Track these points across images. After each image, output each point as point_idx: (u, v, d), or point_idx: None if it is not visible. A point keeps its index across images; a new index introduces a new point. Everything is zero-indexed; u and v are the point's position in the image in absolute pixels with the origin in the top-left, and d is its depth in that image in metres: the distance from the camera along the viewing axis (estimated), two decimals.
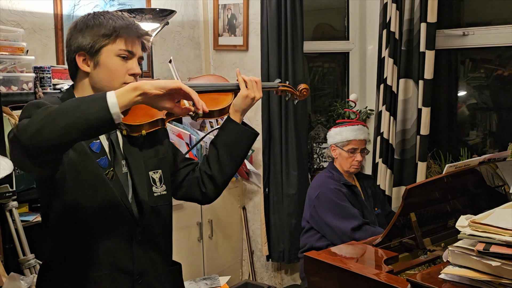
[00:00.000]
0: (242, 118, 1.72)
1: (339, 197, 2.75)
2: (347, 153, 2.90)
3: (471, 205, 2.47)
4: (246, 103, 1.69)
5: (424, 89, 3.04)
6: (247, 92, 1.69)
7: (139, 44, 1.55)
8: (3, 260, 2.40)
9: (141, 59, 1.58)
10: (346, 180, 2.89)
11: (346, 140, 2.91)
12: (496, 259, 1.49)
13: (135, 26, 1.54)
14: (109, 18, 1.52)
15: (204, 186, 1.72)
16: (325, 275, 2.09)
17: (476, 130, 3.48)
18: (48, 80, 2.59)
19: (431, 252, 2.17)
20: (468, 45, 3.25)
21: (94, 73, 1.52)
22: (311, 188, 2.93)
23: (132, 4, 3.29)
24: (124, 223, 1.53)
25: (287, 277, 3.75)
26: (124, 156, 1.57)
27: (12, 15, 2.74)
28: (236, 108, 1.70)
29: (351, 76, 3.72)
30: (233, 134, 1.69)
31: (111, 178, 1.52)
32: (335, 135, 2.96)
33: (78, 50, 1.51)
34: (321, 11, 3.89)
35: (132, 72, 1.52)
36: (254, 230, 3.77)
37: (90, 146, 1.50)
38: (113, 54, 1.50)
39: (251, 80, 1.70)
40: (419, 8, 3.00)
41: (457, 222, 1.62)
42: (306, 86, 1.90)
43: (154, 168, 1.63)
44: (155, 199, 1.61)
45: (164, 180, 1.65)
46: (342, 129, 2.95)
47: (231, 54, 3.74)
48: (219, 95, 1.70)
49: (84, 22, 1.52)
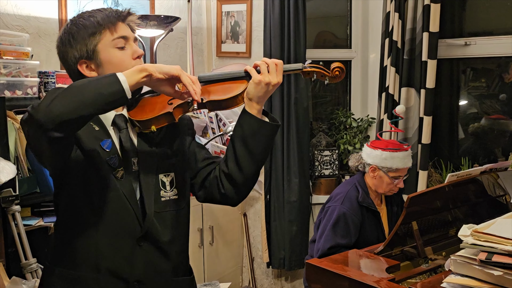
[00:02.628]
0: (260, 108, 1.53)
1: (342, 225, 2.58)
2: (390, 180, 2.66)
3: (473, 214, 2.48)
4: (260, 90, 1.49)
5: (425, 98, 3.05)
6: (260, 77, 1.49)
7: (127, 27, 1.53)
8: (5, 264, 2.40)
9: (136, 40, 1.55)
10: (371, 203, 2.69)
11: (396, 168, 2.65)
12: (498, 269, 1.50)
13: (115, 12, 1.51)
14: (88, 17, 1.49)
15: (222, 186, 1.57)
16: (327, 283, 2.10)
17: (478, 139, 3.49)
18: (53, 85, 2.60)
19: (432, 261, 2.18)
20: (470, 55, 3.27)
21: (101, 74, 1.49)
22: (332, 196, 2.75)
23: (136, 10, 3.29)
24: (127, 225, 1.48)
25: (288, 284, 3.75)
26: (136, 155, 1.51)
27: (17, 20, 2.75)
28: (249, 96, 1.51)
29: (353, 85, 3.74)
30: (248, 126, 1.51)
31: (121, 178, 1.47)
32: (384, 159, 2.66)
33: (77, 61, 1.49)
34: (323, 19, 3.91)
35: (136, 55, 1.52)
36: (255, 236, 3.78)
37: (101, 144, 1.47)
38: (109, 47, 1.49)
39: (264, 63, 1.51)
40: (422, 17, 3.02)
41: (460, 231, 1.63)
42: (340, 65, 1.59)
43: (166, 170, 1.55)
44: (162, 204, 1.53)
45: (176, 183, 1.56)
46: (394, 155, 2.65)
47: (234, 61, 3.76)
48: (232, 84, 1.53)
49: (67, 33, 1.50)
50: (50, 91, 1.32)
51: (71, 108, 1.26)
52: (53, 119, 1.26)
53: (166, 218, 1.54)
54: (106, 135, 1.49)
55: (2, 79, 2.39)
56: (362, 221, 2.66)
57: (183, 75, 1.37)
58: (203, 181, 1.62)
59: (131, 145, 1.51)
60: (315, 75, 1.59)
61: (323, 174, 3.62)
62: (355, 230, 2.61)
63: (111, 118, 1.52)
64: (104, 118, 1.51)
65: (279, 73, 1.51)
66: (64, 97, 1.27)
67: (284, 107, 3.43)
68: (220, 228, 3.50)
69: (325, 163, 3.61)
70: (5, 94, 2.39)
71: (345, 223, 2.60)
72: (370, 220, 2.69)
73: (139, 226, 1.49)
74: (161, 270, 1.54)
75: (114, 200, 1.47)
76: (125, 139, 1.51)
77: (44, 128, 1.27)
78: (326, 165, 3.61)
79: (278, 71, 1.51)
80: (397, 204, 2.86)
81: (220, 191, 1.58)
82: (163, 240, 1.53)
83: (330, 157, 3.61)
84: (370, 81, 3.65)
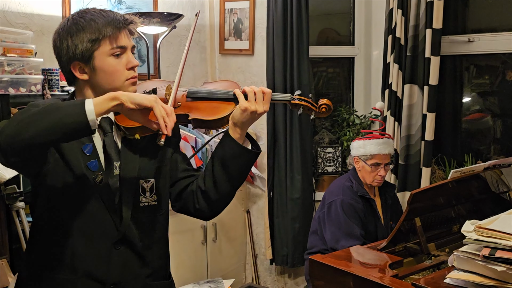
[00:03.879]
0: (243, 133, 1.53)
1: (349, 213, 2.67)
2: (370, 167, 2.77)
3: (476, 210, 2.48)
4: (245, 117, 1.49)
5: (429, 95, 3.05)
6: (246, 104, 1.48)
7: (126, 35, 1.50)
8: (10, 260, 2.41)
9: (134, 47, 1.53)
10: (365, 192, 2.78)
11: (370, 154, 2.77)
12: (501, 264, 1.50)
13: (117, 19, 1.47)
14: (89, 20, 1.45)
15: (197, 201, 1.58)
16: (330, 279, 2.10)
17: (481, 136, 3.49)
18: (56, 82, 2.61)
19: (435, 257, 2.18)
20: (473, 52, 3.27)
21: (93, 78, 1.48)
22: (328, 192, 2.84)
23: (139, 7, 3.31)
24: (104, 228, 1.48)
25: (290, 281, 3.75)
26: (119, 159, 1.51)
27: (21, 18, 2.76)
28: (234, 120, 1.51)
29: (356, 82, 3.74)
30: (229, 149, 1.52)
31: (99, 182, 1.47)
32: (359, 148, 2.82)
33: (71, 61, 1.47)
34: (326, 16, 3.91)
35: (130, 65, 1.49)
36: (258, 233, 3.78)
37: (82, 148, 1.47)
38: (106, 55, 1.46)
39: (252, 91, 1.49)
40: (425, 14, 3.02)
41: (463, 227, 1.63)
42: (328, 102, 1.60)
43: (147, 176, 1.54)
44: (140, 210, 1.52)
45: (156, 190, 1.56)
46: (366, 142, 2.80)
47: (237, 58, 3.76)
48: (220, 104, 1.53)
49: (66, 31, 1.46)
50: (19, 112, 1.31)
51: (32, 135, 1.25)
52: (12, 145, 1.25)
53: (144, 223, 1.54)
54: (88, 139, 1.48)
55: (6, 76, 2.39)
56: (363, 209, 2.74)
57: (157, 106, 1.32)
58: (180, 193, 1.62)
59: (115, 148, 1.51)
60: (302, 109, 1.59)
61: (326, 171, 3.62)
62: (363, 216, 2.72)
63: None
64: None
65: (266, 102, 1.51)
66: (27, 124, 1.25)
67: (287, 104, 3.42)
68: (223, 225, 3.50)
69: (328, 160, 3.62)
70: (9, 91, 2.40)
71: (355, 211, 2.69)
72: (367, 208, 2.76)
73: (116, 230, 1.49)
74: (138, 274, 1.54)
75: (91, 203, 1.47)
76: (109, 142, 1.51)
77: (3, 153, 1.28)
78: (329, 162, 3.61)
79: (265, 101, 1.50)
80: (391, 197, 2.92)
81: (194, 206, 1.59)
82: (140, 245, 1.53)
83: (333, 154, 3.61)
84: (373, 78, 3.65)
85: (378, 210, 2.82)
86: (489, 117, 3.40)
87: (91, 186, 1.46)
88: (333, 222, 2.70)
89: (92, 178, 1.46)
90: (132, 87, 1.51)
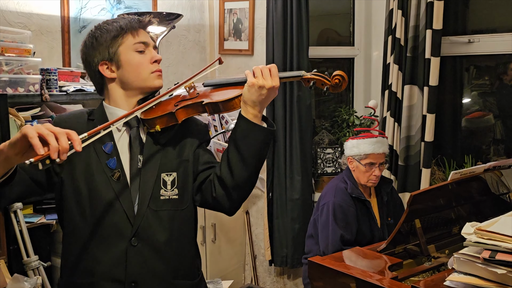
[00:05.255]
0: (256, 113, 1.49)
1: (339, 216, 2.63)
2: (364, 167, 2.73)
3: (476, 212, 2.47)
4: (253, 93, 1.47)
5: (429, 96, 3.04)
6: (253, 80, 1.47)
7: (147, 34, 1.61)
8: (7, 261, 2.40)
9: (155, 48, 1.62)
10: (360, 193, 2.74)
11: (364, 154, 2.73)
12: (502, 267, 1.49)
13: (137, 19, 1.59)
14: (112, 22, 1.58)
15: (214, 189, 1.53)
16: (329, 281, 2.09)
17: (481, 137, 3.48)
18: (55, 82, 2.59)
19: (435, 259, 2.17)
20: (473, 52, 3.26)
21: (120, 75, 1.56)
22: (322, 194, 2.82)
23: (138, 7, 3.30)
24: (117, 225, 1.49)
25: (290, 282, 3.74)
26: (142, 153, 1.55)
27: (20, 17, 2.75)
28: (244, 99, 1.49)
29: (356, 82, 3.73)
30: (240, 129, 1.50)
31: (117, 179, 1.50)
32: (352, 147, 2.77)
33: (99, 63, 1.56)
34: (326, 17, 3.90)
35: (154, 59, 1.58)
36: (257, 234, 3.77)
37: (103, 147, 1.53)
38: (130, 50, 1.56)
39: (258, 68, 1.49)
40: (425, 14, 3.00)
41: (463, 229, 1.62)
42: (341, 73, 1.55)
43: (170, 170, 1.55)
44: (160, 203, 1.52)
45: (178, 184, 1.55)
46: (360, 142, 2.76)
47: (236, 58, 3.75)
48: (233, 88, 1.56)
49: (92, 37, 1.57)
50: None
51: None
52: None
53: (163, 217, 1.53)
54: (109, 138, 1.53)
55: (4, 76, 2.39)
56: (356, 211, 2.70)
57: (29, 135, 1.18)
58: (200, 185, 1.59)
59: (140, 143, 1.56)
60: (313, 82, 1.57)
61: (325, 172, 3.61)
62: (353, 220, 2.66)
63: None
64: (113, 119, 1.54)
65: (273, 76, 1.49)
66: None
67: (286, 105, 3.42)
68: (223, 226, 3.49)
69: (327, 160, 3.61)
70: (7, 91, 2.39)
71: (343, 214, 2.65)
72: (361, 210, 2.73)
73: (130, 224, 1.49)
74: (158, 271, 1.52)
75: (105, 201, 1.49)
76: (134, 137, 1.56)
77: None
78: (328, 162, 3.60)
79: (272, 75, 1.49)
80: (387, 194, 2.88)
81: (212, 195, 1.54)
82: (159, 240, 1.52)
83: (333, 155, 3.60)
84: (373, 78, 3.64)
85: (373, 212, 2.79)
86: (491, 115, 3.38)
87: (108, 184, 1.50)
88: (323, 225, 2.68)
89: (110, 176, 1.51)
90: (158, 80, 1.59)
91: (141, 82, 1.57)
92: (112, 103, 1.59)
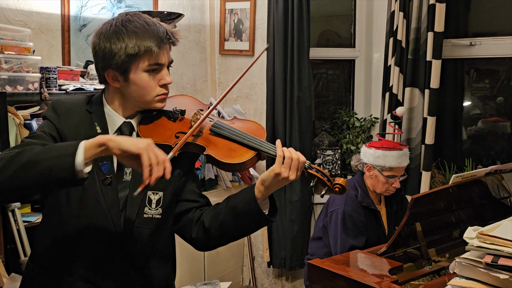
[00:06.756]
0: (267, 194, 1.48)
1: (348, 225, 2.58)
2: (385, 179, 2.64)
3: (476, 216, 2.46)
4: (276, 182, 1.44)
5: (430, 98, 3.03)
6: (281, 169, 1.42)
7: (166, 52, 1.49)
8: (4, 260, 2.39)
9: (171, 63, 1.53)
10: (370, 203, 2.68)
11: (389, 166, 2.64)
12: (504, 272, 1.48)
13: (159, 36, 1.45)
14: (132, 31, 1.44)
15: (195, 232, 1.56)
16: (329, 284, 2.08)
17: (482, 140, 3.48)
18: (54, 80, 2.58)
19: (435, 262, 2.16)
20: (475, 55, 3.25)
21: (124, 88, 1.49)
22: (331, 199, 2.74)
23: (139, 6, 3.28)
24: (104, 233, 1.47)
25: (288, 284, 3.73)
26: None
27: (19, 15, 2.73)
28: (263, 181, 1.45)
29: (357, 84, 3.72)
30: (246, 207, 1.48)
31: (108, 184, 1.47)
32: (377, 157, 2.65)
33: (106, 68, 1.47)
34: (327, 18, 3.89)
35: (163, 82, 1.49)
36: (256, 236, 3.76)
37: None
38: (141, 70, 1.46)
39: (290, 158, 1.42)
40: (427, 17, 3.00)
41: (465, 234, 1.61)
42: (343, 183, 1.48)
43: (157, 189, 1.51)
44: (142, 221, 1.50)
45: (163, 203, 1.53)
46: (387, 154, 2.64)
47: (237, 59, 3.74)
48: (240, 148, 1.48)
49: (107, 36, 1.45)
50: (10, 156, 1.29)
51: (19, 185, 1.28)
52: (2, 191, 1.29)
53: (144, 235, 1.51)
54: None
55: (4, 74, 2.37)
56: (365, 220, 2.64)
57: (145, 154, 1.27)
58: (179, 215, 1.59)
59: None
60: (315, 181, 1.50)
61: None
62: (363, 228, 2.61)
63: (119, 124, 1.52)
64: (112, 122, 1.51)
65: (299, 170, 1.45)
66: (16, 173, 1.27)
67: (286, 106, 3.41)
68: None
69: (327, 162, 3.59)
70: (6, 89, 2.37)
71: (353, 223, 2.59)
72: (370, 219, 2.68)
73: (115, 238, 1.48)
74: (131, 284, 1.52)
75: (95, 205, 1.46)
76: None
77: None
78: (328, 164, 3.59)
79: (299, 169, 1.45)
80: (396, 202, 2.83)
81: (190, 235, 1.56)
82: (138, 257, 1.51)
83: (333, 157, 3.59)
84: (374, 80, 3.63)
85: (382, 221, 2.74)
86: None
87: (98, 187, 1.46)
88: (332, 233, 2.65)
89: (101, 180, 1.46)
90: (160, 103, 1.52)
91: (142, 102, 1.50)
92: (109, 103, 1.53)
